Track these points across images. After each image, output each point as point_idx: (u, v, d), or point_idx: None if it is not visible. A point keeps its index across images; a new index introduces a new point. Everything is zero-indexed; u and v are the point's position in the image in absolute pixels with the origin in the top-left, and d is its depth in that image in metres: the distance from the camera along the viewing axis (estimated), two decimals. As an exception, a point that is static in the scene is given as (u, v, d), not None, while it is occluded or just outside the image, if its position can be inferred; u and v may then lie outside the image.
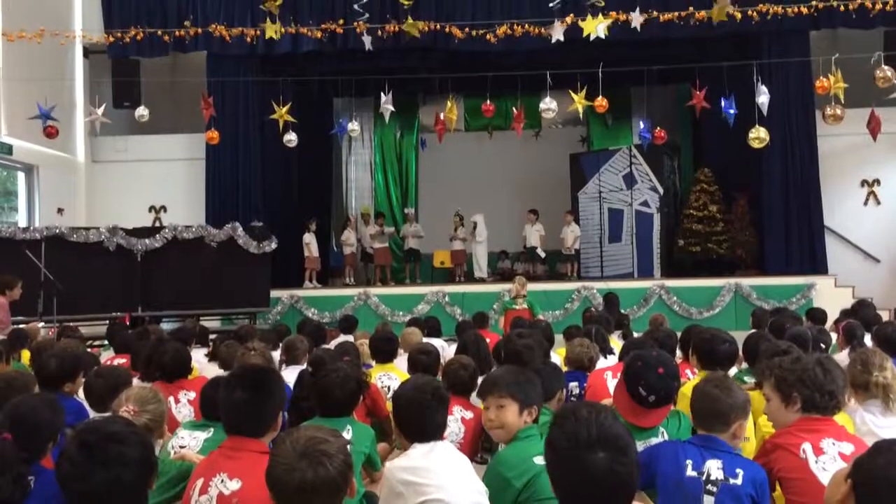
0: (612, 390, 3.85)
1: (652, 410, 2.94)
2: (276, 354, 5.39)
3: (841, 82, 10.12)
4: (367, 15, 10.62)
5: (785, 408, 2.74)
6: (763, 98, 10.83)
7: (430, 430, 2.74)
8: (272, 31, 10.31)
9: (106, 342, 7.75)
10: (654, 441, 2.95)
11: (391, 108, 11.43)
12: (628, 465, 1.77)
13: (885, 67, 10.11)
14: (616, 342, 5.88)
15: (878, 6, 11.42)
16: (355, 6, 10.58)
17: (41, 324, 8.57)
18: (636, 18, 10.72)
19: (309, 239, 13.25)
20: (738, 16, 11.02)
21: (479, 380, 4.01)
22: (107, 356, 6.19)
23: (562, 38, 10.79)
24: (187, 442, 3.21)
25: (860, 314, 6.61)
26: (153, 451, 2.11)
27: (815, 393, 2.68)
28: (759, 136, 11.03)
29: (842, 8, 11.56)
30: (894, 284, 12.63)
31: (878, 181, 13.28)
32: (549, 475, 1.88)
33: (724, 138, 12.95)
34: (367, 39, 11.36)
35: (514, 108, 11.90)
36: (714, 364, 3.72)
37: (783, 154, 12.58)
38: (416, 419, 2.74)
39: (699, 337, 3.97)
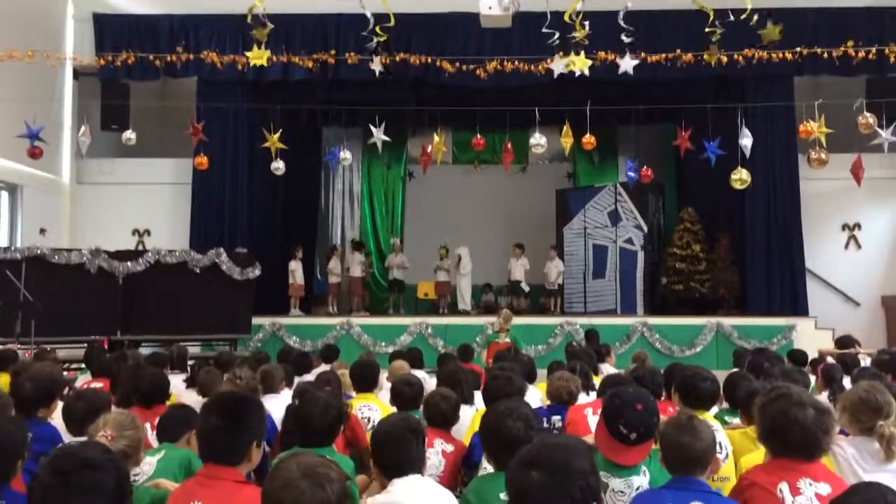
0: (592, 426, 3.84)
1: (634, 447, 2.93)
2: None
3: (824, 127, 10.29)
4: (375, 41, 10.70)
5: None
6: (746, 141, 10.97)
7: (407, 464, 2.72)
8: (260, 58, 10.35)
9: (83, 365, 7.65)
10: (636, 479, 2.94)
11: (384, 138, 11.48)
12: (562, 491, 1.79)
13: (868, 114, 10.29)
14: (597, 378, 5.86)
15: (861, 54, 11.69)
16: (363, 33, 10.65)
17: (17, 346, 8.46)
18: (627, 63, 10.86)
19: (294, 266, 13.23)
20: (725, 59, 11.23)
21: (462, 412, 4.01)
22: (83, 380, 6.11)
23: (564, 71, 10.90)
24: (141, 469, 3.16)
25: (843, 357, 6.64)
26: (128, 478, 2.08)
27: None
28: (741, 177, 11.14)
29: (825, 55, 11.82)
30: (874, 328, 12.73)
31: (858, 225, 13.45)
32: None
33: (709, 179, 13.11)
34: (375, 64, 11.39)
35: (503, 144, 12.00)
36: (696, 402, 3.71)
37: (766, 196, 12.74)
38: (393, 453, 2.73)
39: (681, 375, 3.97)
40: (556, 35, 9.79)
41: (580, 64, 9.97)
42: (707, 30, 9.35)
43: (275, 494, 1.86)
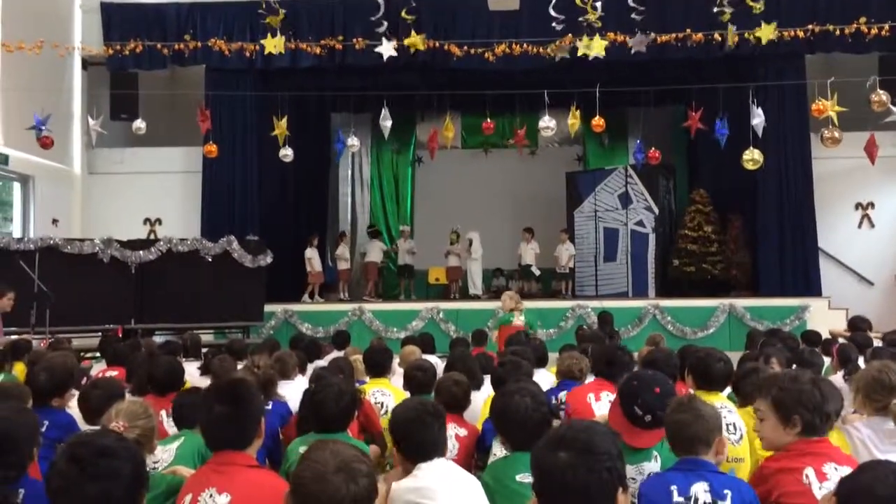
0: (595, 410, 3.83)
1: (647, 430, 2.93)
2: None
3: (836, 106, 10.18)
4: (385, 24, 10.62)
5: (783, 429, 2.67)
6: (757, 120, 10.89)
7: (430, 448, 2.72)
8: (272, 45, 10.36)
9: (98, 354, 7.71)
10: (647, 465, 2.94)
11: (390, 121, 11.46)
12: (589, 471, 1.79)
13: (881, 91, 10.18)
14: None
15: (874, 31, 11.54)
16: (371, 19, 10.61)
17: (32, 335, 8.52)
18: (638, 42, 10.79)
19: (311, 254, 13.28)
20: (735, 39, 11.14)
21: (473, 396, 4.02)
22: (98, 368, 6.16)
23: (568, 56, 10.84)
24: (160, 456, 3.19)
25: (855, 338, 6.60)
26: (144, 465, 2.10)
27: (815, 416, 2.62)
28: (753, 157, 11.07)
29: (837, 32, 11.69)
30: (888, 307, 12.64)
31: (872, 204, 13.34)
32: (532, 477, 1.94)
33: (720, 160, 13.02)
34: (386, 49, 11.34)
35: (514, 127, 11.96)
36: (709, 383, 3.71)
37: (778, 176, 12.64)
38: (416, 438, 2.73)
39: (694, 356, 3.97)
40: (563, 17, 9.74)
41: (596, 48, 9.91)
42: (716, 9, 9.30)
43: (307, 487, 1.85)
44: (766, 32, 10.44)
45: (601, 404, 3.86)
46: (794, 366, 4.83)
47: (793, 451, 2.63)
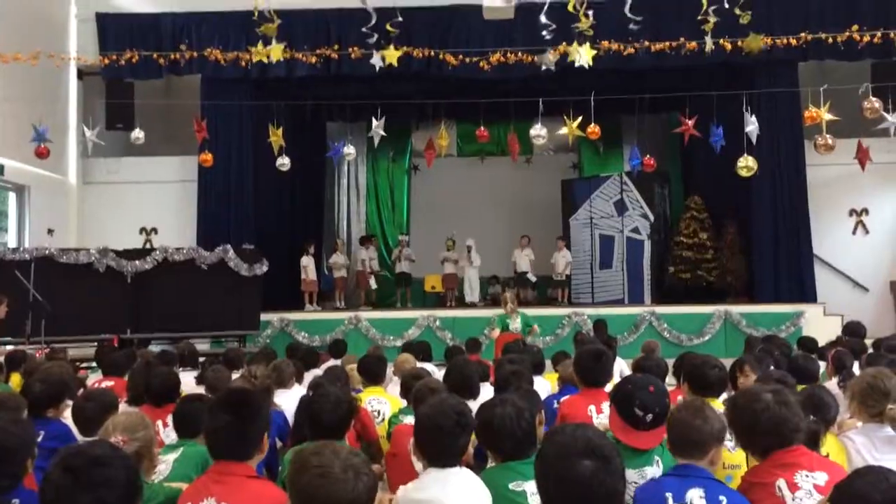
0: (592, 419, 3.82)
1: (648, 431, 2.94)
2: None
3: (826, 113, 10.21)
4: (375, 36, 10.67)
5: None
6: (751, 127, 10.92)
7: (449, 455, 2.71)
8: (276, 53, 10.33)
9: (94, 364, 7.69)
10: (649, 470, 2.94)
11: (382, 132, 11.47)
12: (613, 475, 1.82)
13: (873, 99, 10.21)
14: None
15: (866, 38, 11.61)
16: (363, 29, 10.63)
17: (28, 346, 8.50)
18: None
19: (307, 262, 13.29)
20: (729, 46, 11.20)
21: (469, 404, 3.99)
22: (94, 378, 6.14)
23: (552, 69, 10.91)
24: (157, 468, 3.17)
25: (849, 343, 6.62)
26: (137, 474, 2.09)
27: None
28: (747, 164, 11.09)
29: (830, 40, 11.75)
30: (883, 314, 12.68)
31: (866, 210, 13.39)
32: (538, 487, 1.92)
33: (714, 167, 13.06)
34: (376, 60, 11.40)
35: (508, 135, 11.99)
36: (704, 390, 3.73)
37: (772, 183, 12.68)
38: (438, 444, 2.71)
39: (690, 363, 3.99)
40: (553, 26, 9.77)
41: (587, 55, 9.94)
42: (700, 17, 9.36)
43: (312, 484, 1.86)
44: (755, 44, 10.52)
45: (603, 417, 3.83)
46: (771, 368, 4.82)
47: (765, 464, 2.64)
